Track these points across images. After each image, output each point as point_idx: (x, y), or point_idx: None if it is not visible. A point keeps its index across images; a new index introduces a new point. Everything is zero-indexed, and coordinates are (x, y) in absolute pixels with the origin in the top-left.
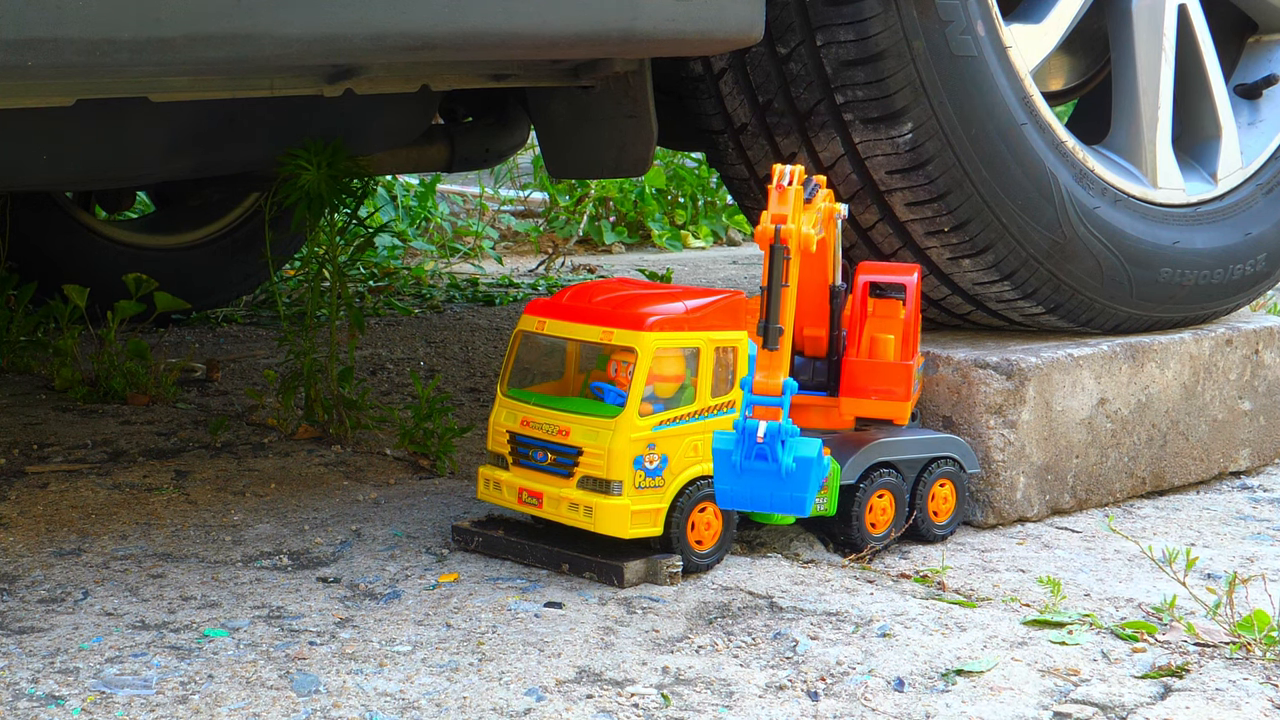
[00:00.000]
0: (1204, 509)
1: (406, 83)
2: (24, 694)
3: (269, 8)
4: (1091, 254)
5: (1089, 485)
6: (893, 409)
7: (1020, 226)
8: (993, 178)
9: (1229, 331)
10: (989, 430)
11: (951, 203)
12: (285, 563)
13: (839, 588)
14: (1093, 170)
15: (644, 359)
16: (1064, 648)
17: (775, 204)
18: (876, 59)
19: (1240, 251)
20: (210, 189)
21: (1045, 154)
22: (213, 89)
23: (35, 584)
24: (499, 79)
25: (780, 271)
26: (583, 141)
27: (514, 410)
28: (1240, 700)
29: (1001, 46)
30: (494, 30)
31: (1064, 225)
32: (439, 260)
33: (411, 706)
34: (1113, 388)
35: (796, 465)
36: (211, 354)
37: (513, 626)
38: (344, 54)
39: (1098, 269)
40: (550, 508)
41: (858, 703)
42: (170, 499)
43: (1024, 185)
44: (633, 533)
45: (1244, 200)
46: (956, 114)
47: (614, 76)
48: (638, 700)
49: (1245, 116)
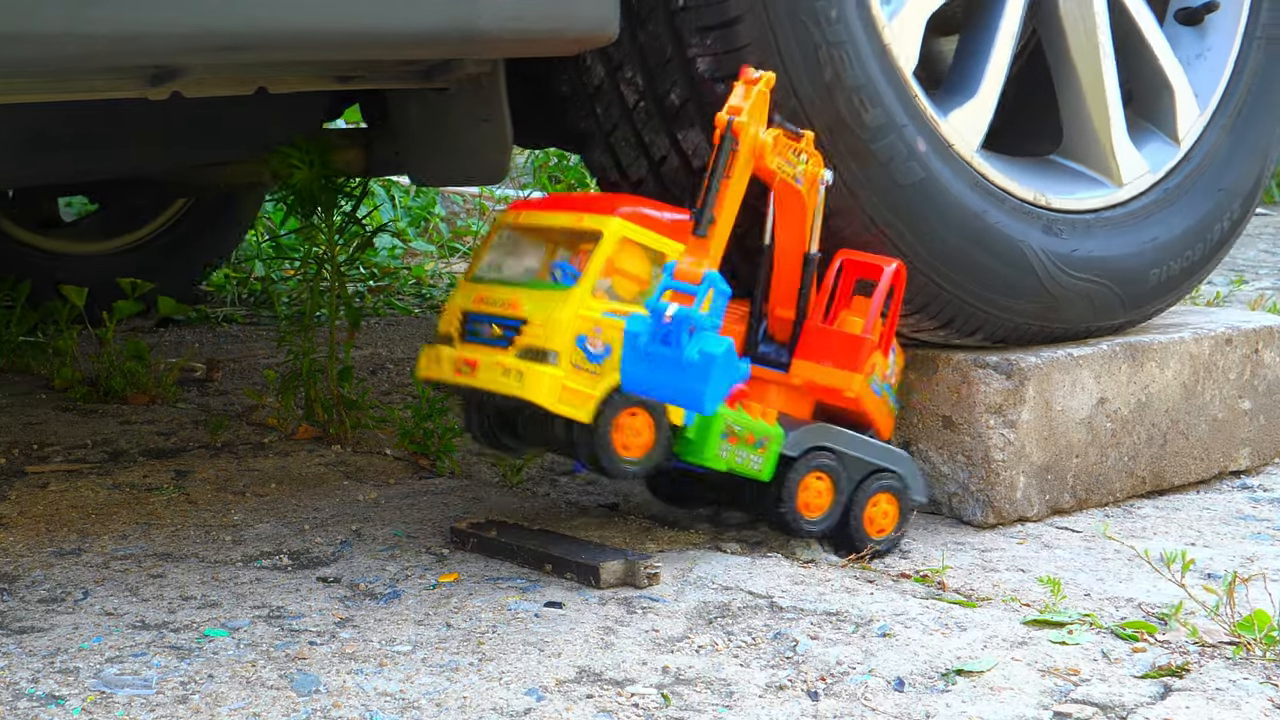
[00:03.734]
0: (1204, 509)
1: (240, 85)
2: (24, 694)
3: (71, 6)
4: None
5: (1089, 485)
6: (842, 379)
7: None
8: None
9: (1229, 331)
10: (989, 430)
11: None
12: (285, 563)
13: (839, 587)
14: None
15: (607, 242)
16: (1064, 648)
17: (736, 96)
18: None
19: (1214, 213)
20: (134, 195)
21: (1018, 230)
22: (27, 91)
23: (35, 584)
24: (345, 80)
25: (725, 163)
26: (440, 146)
27: (471, 291)
28: (1240, 700)
29: (943, 144)
30: (316, 30)
31: (1049, 286)
32: (439, 260)
33: (411, 706)
34: (1112, 387)
35: (700, 357)
36: (211, 354)
37: (513, 626)
38: (156, 54)
39: (1091, 309)
40: (483, 374)
41: (858, 703)
42: (170, 499)
43: (999, 271)
44: (559, 407)
45: (1211, 152)
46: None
47: (468, 79)
48: (638, 700)
49: (1191, 48)
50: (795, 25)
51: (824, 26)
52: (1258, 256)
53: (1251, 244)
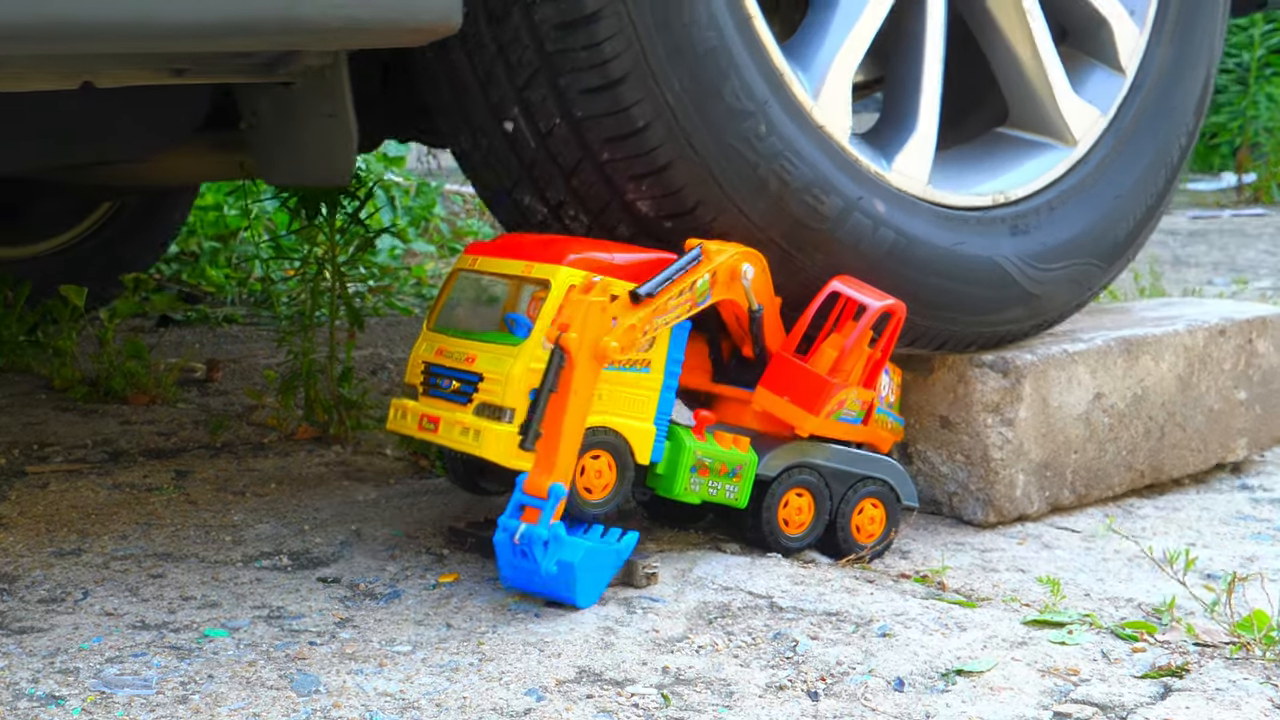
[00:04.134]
0: (1204, 508)
1: (62, 79)
2: (24, 694)
3: None
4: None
5: (1088, 480)
6: (797, 417)
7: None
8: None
9: (1222, 322)
10: (987, 429)
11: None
12: (285, 563)
13: (839, 588)
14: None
15: (556, 292)
16: (1064, 648)
17: (568, 310)
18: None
19: (1170, 135)
20: (44, 199)
21: (988, 245)
22: None
23: (35, 584)
24: (179, 74)
25: (552, 379)
26: (288, 143)
27: (433, 341)
28: (1240, 700)
29: (897, 195)
30: (101, 20)
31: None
32: (439, 260)
33: (411, 706)
34: (1108, 382)
35: (558, 568)
36: (211, 354)
37: (513, 626)
38: None
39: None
40: (445, 432)
41: (858, 703)
42: (170, 499)
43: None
44: (516, 463)
45: (1159, 72)
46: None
47: (311, 72)
48: (638, 700)
49: None
50: (727, 154)
51: (756, 144)
52: (1258, 257)
53: (1251, 244)
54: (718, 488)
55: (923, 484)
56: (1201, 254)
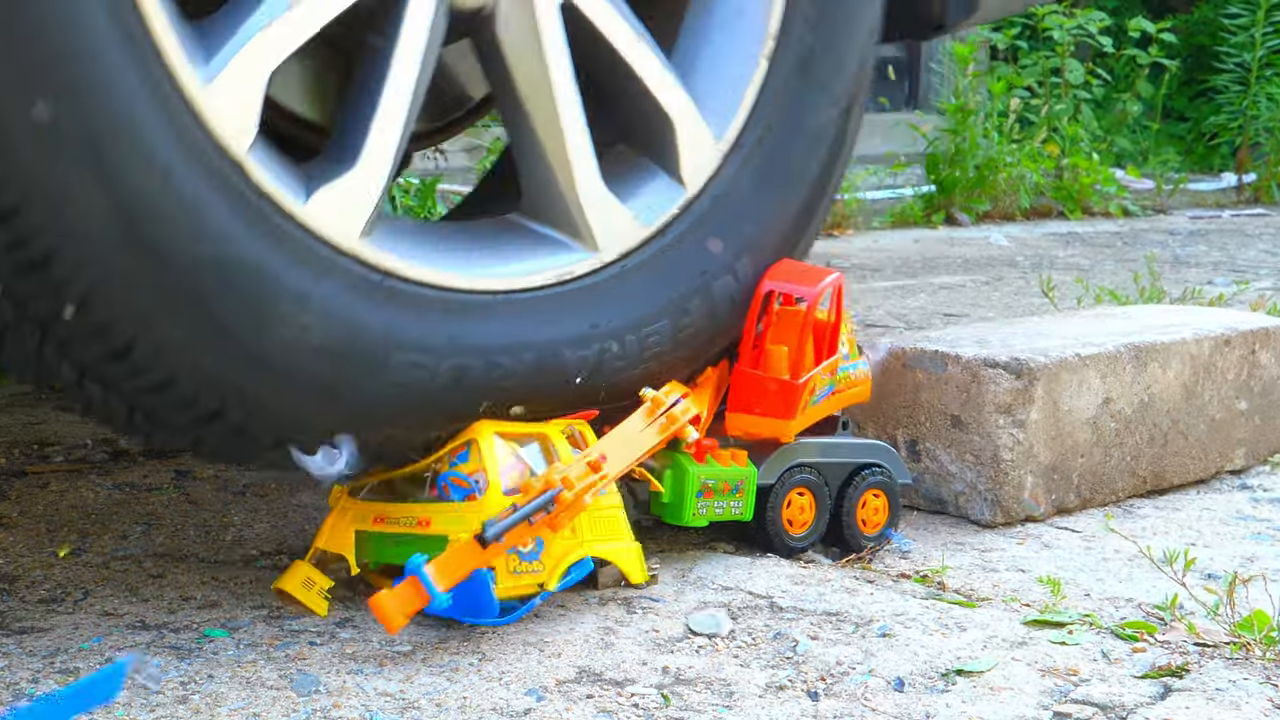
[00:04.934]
0: (1204, 509)
1: None
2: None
3: None
4: None
5: (1093, 484)
6: (776, 427)
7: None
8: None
9: (1227, 331)
10: (998, 430)
11: None
12: (285, 563)
13: (839, 588)
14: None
15: (486, 447)
16: (1064, 648)
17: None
18: None
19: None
20: None
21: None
22: None
23: (35, 584)
24: None
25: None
26: None
27: (363, 510)
28: (1240, 700)
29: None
30: None
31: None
32: None
33: (411, 706)
34: (1117, 387)
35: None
36: None
37: (513, 626)
38: None
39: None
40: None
41: (858, 703)
42: (170, 499)
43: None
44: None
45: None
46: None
47: None
48: (638, 700)
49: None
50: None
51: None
52: (1258, 257)
53: (1252, 244)
54: (723, 506)
55: (930, 482)
56: (1202, 254)
